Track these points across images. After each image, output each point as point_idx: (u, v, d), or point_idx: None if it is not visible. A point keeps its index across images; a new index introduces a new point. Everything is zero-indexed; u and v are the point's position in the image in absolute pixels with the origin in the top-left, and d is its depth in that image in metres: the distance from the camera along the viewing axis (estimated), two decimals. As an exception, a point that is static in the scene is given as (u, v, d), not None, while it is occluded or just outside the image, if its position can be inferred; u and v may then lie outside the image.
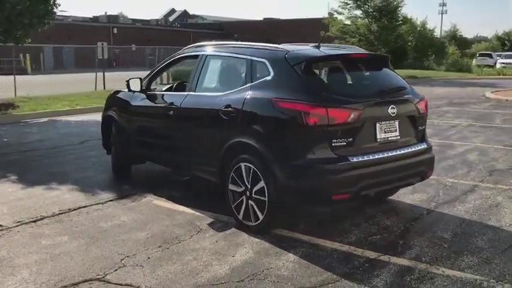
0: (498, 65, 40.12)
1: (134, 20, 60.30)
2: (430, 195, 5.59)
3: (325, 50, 4.67)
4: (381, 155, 4.25)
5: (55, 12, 13.65)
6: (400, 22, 32.61)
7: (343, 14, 32.34)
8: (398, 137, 4.46)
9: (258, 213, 4.34)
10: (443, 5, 62.44)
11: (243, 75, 4.70)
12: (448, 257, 3.95)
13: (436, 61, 43.62)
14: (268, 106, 4.27)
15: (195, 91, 5.15)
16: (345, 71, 4.47)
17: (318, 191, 4.08)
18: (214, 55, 5.25)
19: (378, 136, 4.28)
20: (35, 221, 4.81)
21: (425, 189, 5.76)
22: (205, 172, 5.08)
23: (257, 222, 4.38)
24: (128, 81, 5.84)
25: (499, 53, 47.90)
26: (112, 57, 36.09)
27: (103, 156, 7.20)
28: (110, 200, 5.48)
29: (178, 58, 5.74)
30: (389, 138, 4.37)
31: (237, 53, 4.96)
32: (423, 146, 4.66)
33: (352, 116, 4.06)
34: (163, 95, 5.88)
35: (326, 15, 57.42)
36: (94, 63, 20.89)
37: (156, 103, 5.77)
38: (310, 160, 4.04)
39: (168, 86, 6.38)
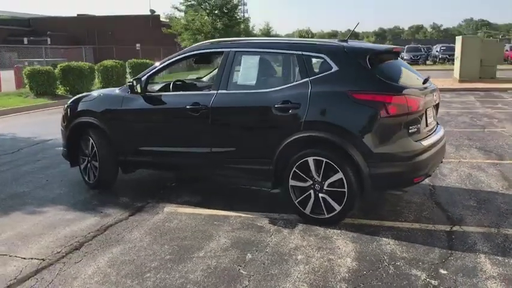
0: None
1: None
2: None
3: (363, 43, 4.92)
4: (433, 139, 4.70)
5: None
6: (239, 21, 34.07)
7: (183, 11, 32.50)
8: (434, 122, 4.99)
9: (334, 204, 4.42)
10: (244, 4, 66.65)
11: (296, 70, 4.68)
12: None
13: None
14: (342, 99, 4.37)
15: (226, 89, 4.92)
16: (392, 63, 4.79)
17: (402, 176, 4.36)
18: (246, 51, 5.06)
19: (428, 122, 4.72)
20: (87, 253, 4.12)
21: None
22: (251, 173, 4.90)
23: (332, 214, 4.46)
24: (133, 82, 5.26)
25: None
26: None
27: (46, 169, 6.61)
28: (130, 215, 4.92)
29: (186, 56, 5.35)
30: (431, 123, 4.85)
31: (281, 49, 4.90)
32: (442, 129, 5.25)
33: (421, 103, 4.43)
34: (174, 95, 5.43)
35: (148, 13, 56.77)
36: None
37: (166, 105, 5.29)
38: (393, 147, 4.29)
39: (160, 86, 5.86)
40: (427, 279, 3.48)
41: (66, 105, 6.21)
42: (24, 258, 3.93)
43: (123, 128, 5.47)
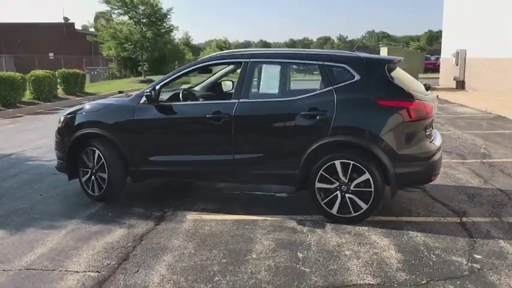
0: None
1: None
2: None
3: (368, 54, 5.36)
4: (438, 141, 5.22)
5: None
6: (167, 29, 33.74)
7: (111, 19, 31.61)
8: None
9: (361, 203, 4.77)
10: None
11: (319, 79, 4.98)
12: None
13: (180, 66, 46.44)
14: (367, 105, 4.74)
15: (248, 98, 5.12)
16: (399, 72, 5.24)
17: (424, 174, 4.82)
18: (266, 61, 5.29)
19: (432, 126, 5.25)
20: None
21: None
22: (276, 178, 5.12)
23: (359, 213, 4.80)
24: (151, 92, 5.27)
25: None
26: None
27: (31, 184, 6.49)
28: (156, 224, 4.93)
29: (201, 66, 5.47)
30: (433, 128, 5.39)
31: (302, 59, 5.19)
32: (438, 132, 5.82)
33: (434, 108, 4.93)
34: (191, 105, 5.51)
35: (61, 20, 54.36)
36: None
37: (183, 114, 5.35)
38: (415, 148, 4.74)
39: (168, 95, 5.88)
40: (469, 264, 3.92)
41: (63, 117, 6.02)
42: (78, 272, 3.85)
43: (136, 138, 5.45)
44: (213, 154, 5.25)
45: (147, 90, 5.35)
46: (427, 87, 5.36)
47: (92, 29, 56.07)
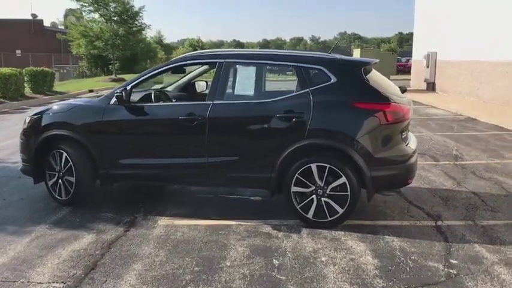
0: None
1: None
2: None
3: (345, 56, 5.29)
4: (413, 143, 5.19)
5: None
6: (140, 28, 33.19)
7: (81, 17, 30.90)
8: None
9: (337, 207, 4.69)
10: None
11: (296, 81, 4.89)
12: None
13: (153, 65, 46.09)
14: (344, 108, 4.67)
15: (223, 99, 4.99)
16: (375, 74, 5.18)
17: (400, 177, 4.77)
18: (241, 62, 5.16)
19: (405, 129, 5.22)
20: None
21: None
22: (250, 181, 5.00)
23: (334, 217, 4.72)
24: (122, 92, 5.07)
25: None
26: None
27: None
28: (126, 230, 4.74)
29: (176, 66, 5.31)
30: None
31: (278, 60, 5.08)
32: (413, 135, 5.80)
33: (410, 111, 4.90)
34: (164, 106, 5.34)
35: (29, 17, 52.99)
36: None
37: (155, 115, 5.18)
38: (391, 152, 4.69)
39: (140, 96, 5.68)
40: (446, 269, 3.88)
41: (28, 118, 5.77)
42: (41, 283, 3.65)
43: (105, 141, 5.25)
44: (186, 157, 5.10)
45: (118, 91, 5.15)
46: (403, 90, 5.33)
47: (61, 27, 54.93)
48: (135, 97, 5.56)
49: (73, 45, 32.89)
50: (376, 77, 5.08)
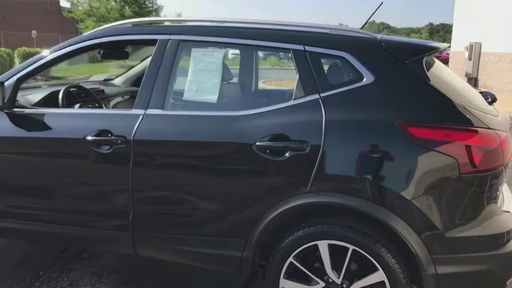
0: None
1: None
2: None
3: (392, 36, 2.92)
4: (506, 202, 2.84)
5: None
6: (150, 9, 30.97)
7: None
8: None
9: (365, 326, 2.42)
10: None
11: (296, 78, 2.59)
12: None
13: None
14: (388, 135, 2.35)
15: (162, 108, 2.72)
16: (440, 71, 2.83)
17: (492, 276, 2.44)
18: (199, 42, 2.85)
19: None
20: None
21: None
22: (206, 259, 2.75)
23: None
24: None
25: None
26: None
27: None
28: None
29: (86, 47, 3.00)
30: None
31: (266, 39, 2.75)
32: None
33: (510, 142, 2.52)
34: (66, 115, 3.05)
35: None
36: None
37: (49, 132, 2.90)
38: (479, 227, 2.37)
39: (42, 95, 3.46)
40: None
41: None
42: None
43: None
44: (99, 207, 2.86)
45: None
46: (492, 99, 3.00)
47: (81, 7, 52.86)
48: (33, 97, 3.37)
49: (82, 26, 30.92)
50: (443, 75, 2.75)
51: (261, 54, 3.40)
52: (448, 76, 2.77)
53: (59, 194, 2.93)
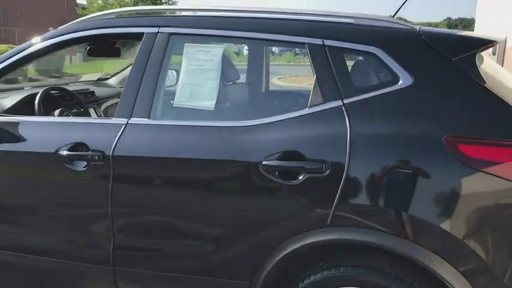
0: None
1: None
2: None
3: (433, 28, 2.37)
4: None
5: None
6: (165, 2, 30.64)
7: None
8: None
9: None
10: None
11: (314, 81, 2.06)
12: None
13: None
14: (430, 155, 1.82)
15: (148, 117, 2.21)
16: (491, 69, 2.28)
17: None
18: (194, 35, 2.33)
19: None
20: None
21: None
22: None
23: None
24: None
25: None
26: None
27: None
28: None
29: (62, 42, 2.50)
30: None
31: (274, 32, 2.21)
32: None
33: None
34: (38, 124, 2.55)
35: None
36: None
37: (15, 144, 2.42)
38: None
39: (15, 98, 2.99)
40: None
41: None
42: None
43: None
44: (74, 235, 2.38)
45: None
46: None
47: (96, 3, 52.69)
48: (7, 101, 2.90)
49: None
50: (499, 76, 2.20)
51: (274, 49, 2.83)
52: (506, 77, 2.22)
53: (28, 218, 2.45)
